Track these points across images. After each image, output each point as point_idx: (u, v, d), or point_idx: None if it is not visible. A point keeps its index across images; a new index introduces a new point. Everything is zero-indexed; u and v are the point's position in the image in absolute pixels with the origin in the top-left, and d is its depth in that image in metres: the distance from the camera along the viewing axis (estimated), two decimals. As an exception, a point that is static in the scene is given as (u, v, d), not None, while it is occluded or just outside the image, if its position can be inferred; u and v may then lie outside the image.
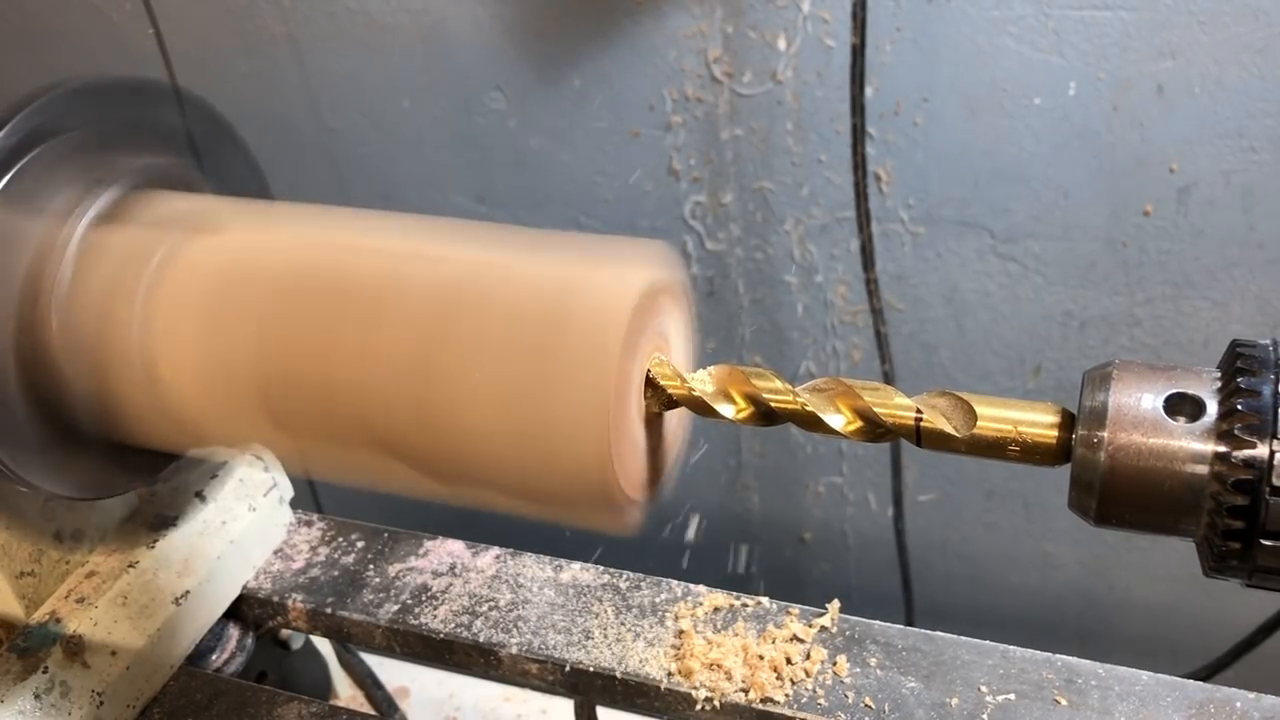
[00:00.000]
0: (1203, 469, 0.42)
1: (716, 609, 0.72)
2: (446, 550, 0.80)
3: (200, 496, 0.78)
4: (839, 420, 0.49)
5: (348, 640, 0.80)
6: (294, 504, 0.85)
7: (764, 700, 0.66)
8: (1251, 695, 0.64)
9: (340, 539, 0.83)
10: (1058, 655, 0.68)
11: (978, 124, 1.11)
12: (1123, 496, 0.44)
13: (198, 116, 0.67)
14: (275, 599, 0.78)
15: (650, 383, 0.51)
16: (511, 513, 0.52)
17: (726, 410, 0.51)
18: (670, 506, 1.53)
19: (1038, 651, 0.68)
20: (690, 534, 1.39)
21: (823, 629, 0.70)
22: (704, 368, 0.53)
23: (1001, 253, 1.19)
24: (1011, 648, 0.68)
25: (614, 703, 0.71)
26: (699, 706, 0.67)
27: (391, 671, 1.01)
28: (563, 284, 0.49)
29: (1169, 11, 1.00)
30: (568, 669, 0.70)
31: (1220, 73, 1.01)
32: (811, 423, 0.50)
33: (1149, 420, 0.43)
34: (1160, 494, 0.43)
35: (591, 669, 0.70)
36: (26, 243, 0.56)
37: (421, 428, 0.51)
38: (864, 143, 1.10)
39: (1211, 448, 0.42)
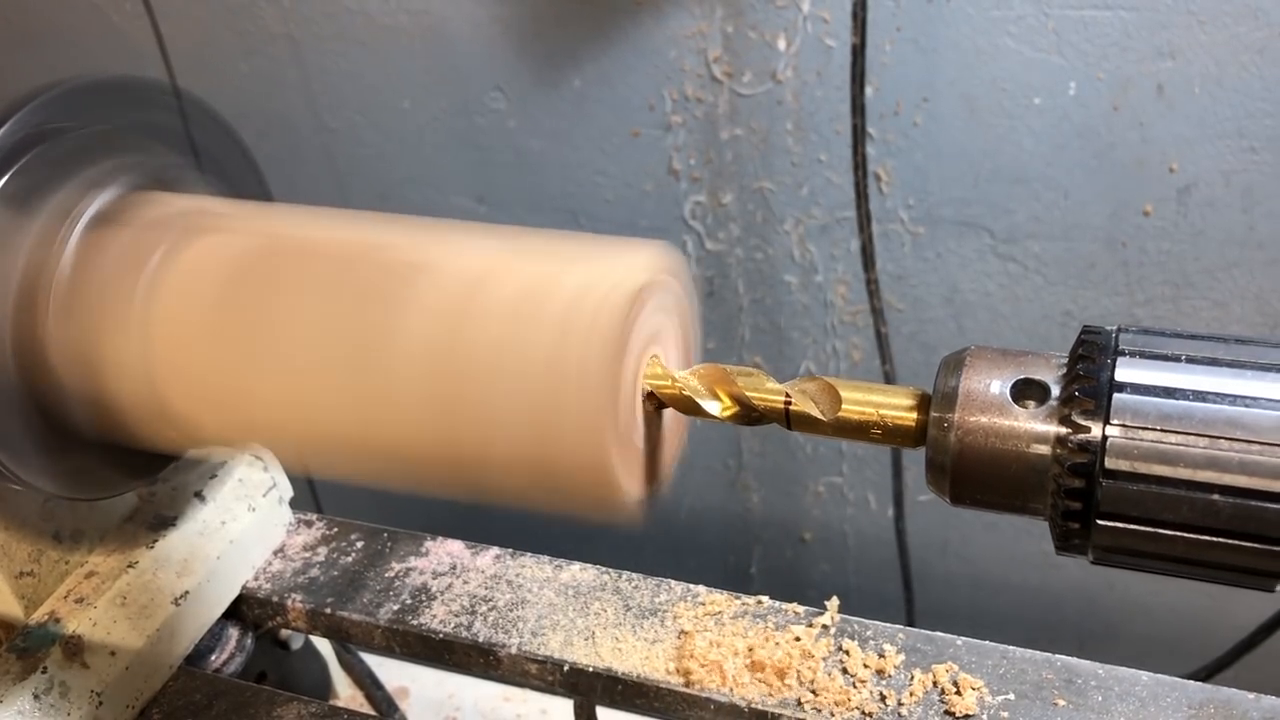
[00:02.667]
0: (1045, 451, 0.44)
1: (717, 609, 0.72)
2: (446, 550, 0.80)
3: (199, 496, 0.78)
4: (715, 406, 0.51)
5: (347, 640, 0.80)
6: (293, 504, 0.85)
7: (764, 701, 0.66)
8: (1251, 695, 0.64)
9: (340, 539, 0.83)
10: (1058, 655, 0.68)
11: (978, 124, 1.11)
12: (973, 477, 0.46)
13: (197, 116, 0.66)
14: (275, 599, 0.78)
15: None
16: (511, 504, 0.52)
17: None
18: (671, 506, 1.53)
19: (1038, 651, 0.68)
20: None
21: (823, 628, 0.70)
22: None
23: (1001, 253, 1.19)
24: (1011, 648, 0.68)
25: (614, 703, 0.71)
26: (699, 707, 0.67)
27: (391, 672, 1.01)
28: (564, 283, 0.49)
29: (1169, 11, 1.00)
30: (567, 669, 0.70)
31: (1220, 72, 1.01)
32: (690, 408, 0.52)
33: (996, 404, 0.45)
34: (1007, 475, 0.45)
35: (591, 669, 0.70)
36: (25, 243, 0.56)
37: (428, 426, 0.51)
38: (864, 143, 1.10)
39: (1053, 430, 0.44)
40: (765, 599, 0.73)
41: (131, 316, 0.56)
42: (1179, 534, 0.42)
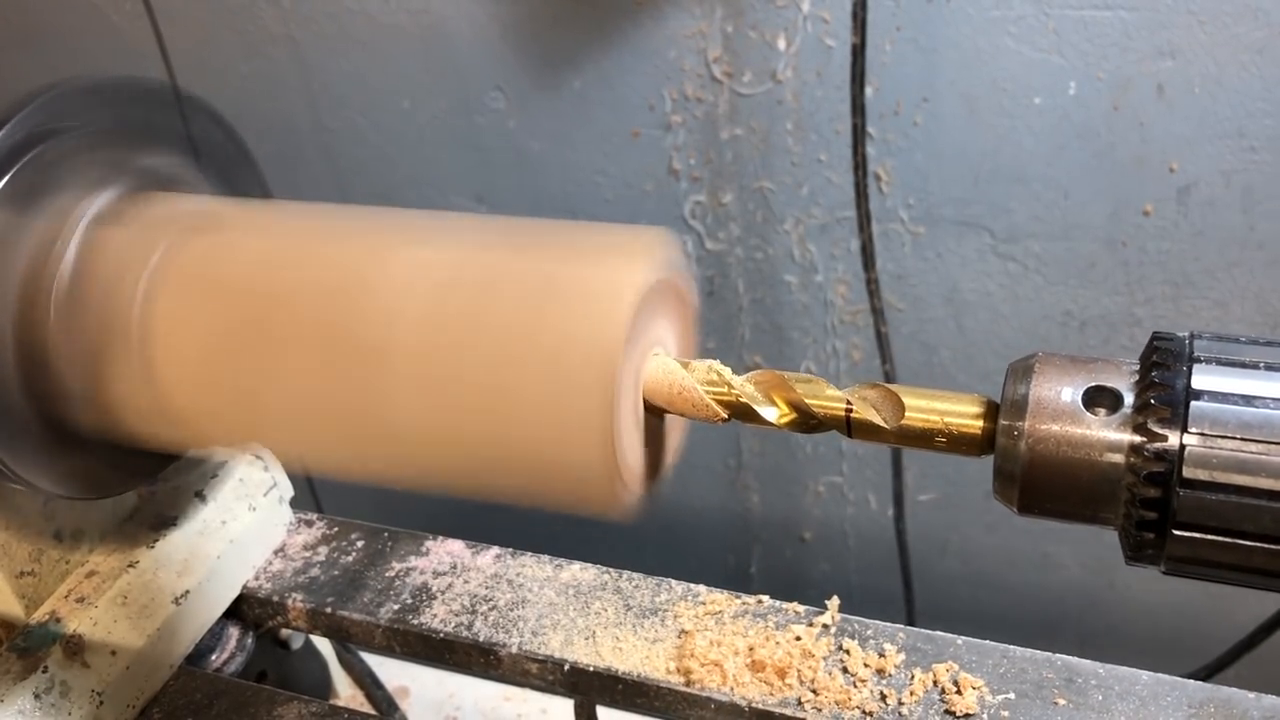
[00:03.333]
0: (1119, 460, 0.43)
1: (717, 609, 0.72)
2: (446, 550, 0.80)
3: (200, 496, 0.78)
4: (773, 413, 0.51)
5: (348, 640, 0.80)
6: (294, 504, 0.85)
7: (764, 700, 0.66)
8: (1252, 695, 0.64)
9: (340, 539, 0.83)
10: (1058, 655, 0.68)
11: (977, 124, 1.11)
12: (1043, 486, 0.45)
13: (197, 117, 0.66)
14: (275, 599, 0.78)
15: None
16: (511, 501, 0.52)
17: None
18: (671, 505, 1.53)
19: (1038, 651, 0.68)
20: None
21: (823, 628, 0.70)
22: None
23: (1001, 252, 1.19)
24: (1012, 647, 0.68)
25: (614, 703, 0.71)
26: (699, 706, 0.67)
27: (391, 671, 1.01)
28: (564, 278, 0.49)
29: (1169, 11, 1.00)
30: (568, 668, 0.70)
31: (1220, 72, 1.01)
32: (747, 415, 0.51)
33: (1068, 412, 0.44)
34: (1079, 484, 0.44)
35: (591, 669, 0.70)
36: (26, 242, 0.56)
37: (430, 424, 0.51)
38: (864, 142, 1.10)
39: (1127, 439, 0.43)
40: (765, 598, 0.73)
41: (132, 317, 0.56)
42: (1259, 544, 0.41)
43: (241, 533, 0.79)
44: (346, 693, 0.97)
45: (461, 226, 0.56)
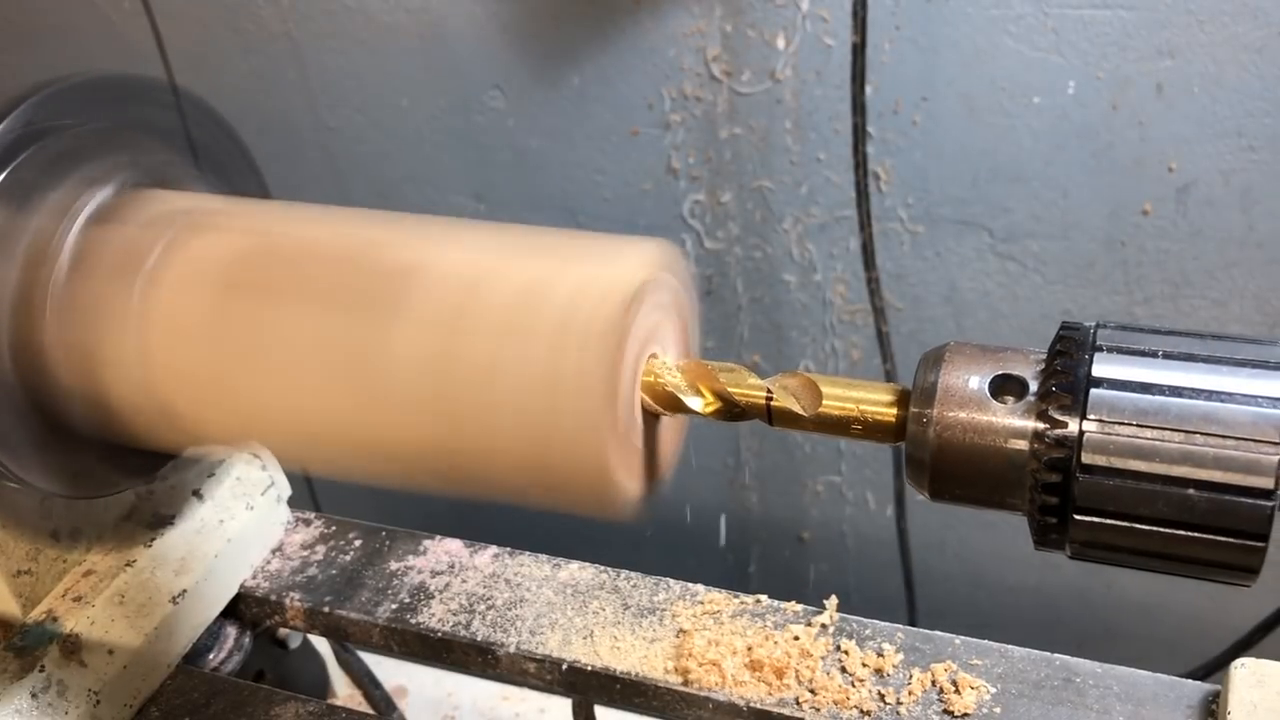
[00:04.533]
0: (1023, 446, 0.44)
1: (715, 608, 0.72)
2: (445, 549, 0.80)
3: (198, 495, 0.78)
4: (698, 402, 0.51)
5: (345, 639, 0.80)
6: (292, 503, 0.85)
7: (763, 700, 0.66)
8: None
9: (338, 538, 0.83)
10: (1056, 655, 0.68)
11: (977, 123, 1.11)
12: (951, 473, 0.46)
13: (195, 114, 0.66)
14: (273, 598, 0.78)
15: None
16: (510, 501, 0.52)
17: None
18: (670, 505, 1.53)
19: (1037, 651, 0.68)
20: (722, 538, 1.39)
21: (822, 628, 0.70)
22: None
23: (1000, 252, 1.19)
24: (1011, 647, 0.68)
25: (612, 702, 0.71)
26: (697, 706, 0.67)
27: (389, 671, 1.00)
28: (562, 281, 0.49)
29: (1168, 11, 1.00)
30: (566, 668, 0.70)
31: (1219, 72, 1.01)
32: (675, 405, 0.52)
33: (975, 399, 0.45)
34: (986, 470, 0.45)
35: (590, 668, 0.70)
36: (22, 240, 0.56)
37: (426, 424, 0.51)
38: (864, 142, 1.10)
39: (1030, 426, 0.44)
40: (764, 598, 0.73)
41: (129, 314, 0.56)
42: (1155, 529, 0.42)
43: (239, 532, 0.79)
44: (344, 692, 0.96)
45: (458, 229, 0.56)
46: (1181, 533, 0.42)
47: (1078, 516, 0.43)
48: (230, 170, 0.68)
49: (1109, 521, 0.43)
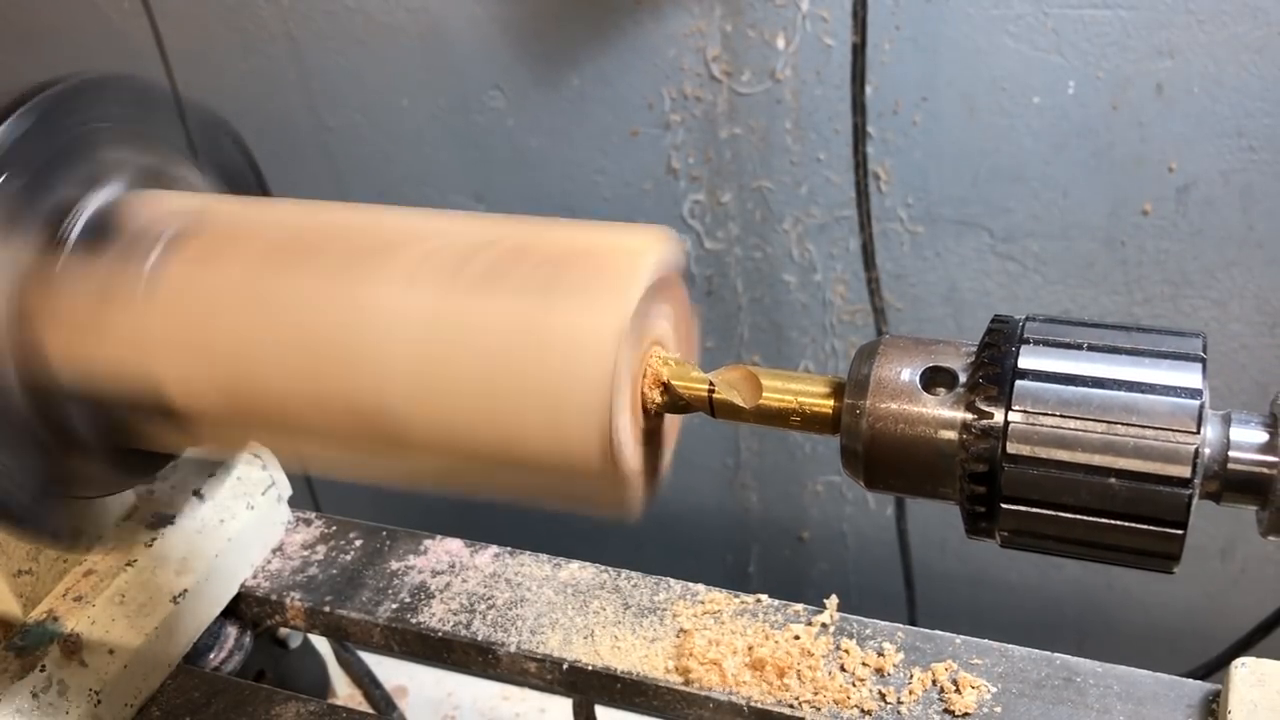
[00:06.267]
0: (952, 436, 0.45)
1: (716, 608, 0.72)
2: (445, 549, 0.80)
3: (198, 495, 0.78)
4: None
5: (346, 639, 0.80)
6: (292, 502, 0.85)
7: (763, 699, 0.66)
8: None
9: (339, 537, 0.83)
10: (1057, 654, 0.68)
11: (977, 123, 1.11)
12: (885, 463, 0.47)
13: (196, 115, 0.66)
14: (273, 597, 0.78)
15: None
16: (510, 498, 0.52)
17: None
18: (669, 505, 1.53)
19: (1037, 650, 0.68)
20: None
21: (822, 627, 0.70)
22: None
23: (1000, 252, 1.19)
24: (1011, 646, 0.68)
25: (613, 702, 0.71)
26: (698, 705, 0.67)
27: (390, 670, 1.00)
28: (566, 275, 0.49)
29: (1168, 10, 1.00)
30: (566, 668, 0.70)
31: (1219, 72, 1.01)
32: None
33: (906, 391, 0.46)
34: (918, 460, 0.46)
35: (590, 668, 0.70)
36: (23, 239, 0.56)
37: (428, 417, 0.51)
38: (864, 142, 1.10)
39: (959, 416, 0.45)
40: (764, 598, 0.73)
41: (129, 313, 0.56)
42: (1078, 517, 0.43)
43: (240, 531, 0.79)
44: (345, 692, 0.97)
45: (462, 222, 0.56)
46: (1104, 520, 0.43)
47: (1005, 505, 0.44)
48: (230, 170, 0.68)
49: (1035, 510, 0.44)
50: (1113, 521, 0.43)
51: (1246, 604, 1.12)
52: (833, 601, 0.71)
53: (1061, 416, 0.43)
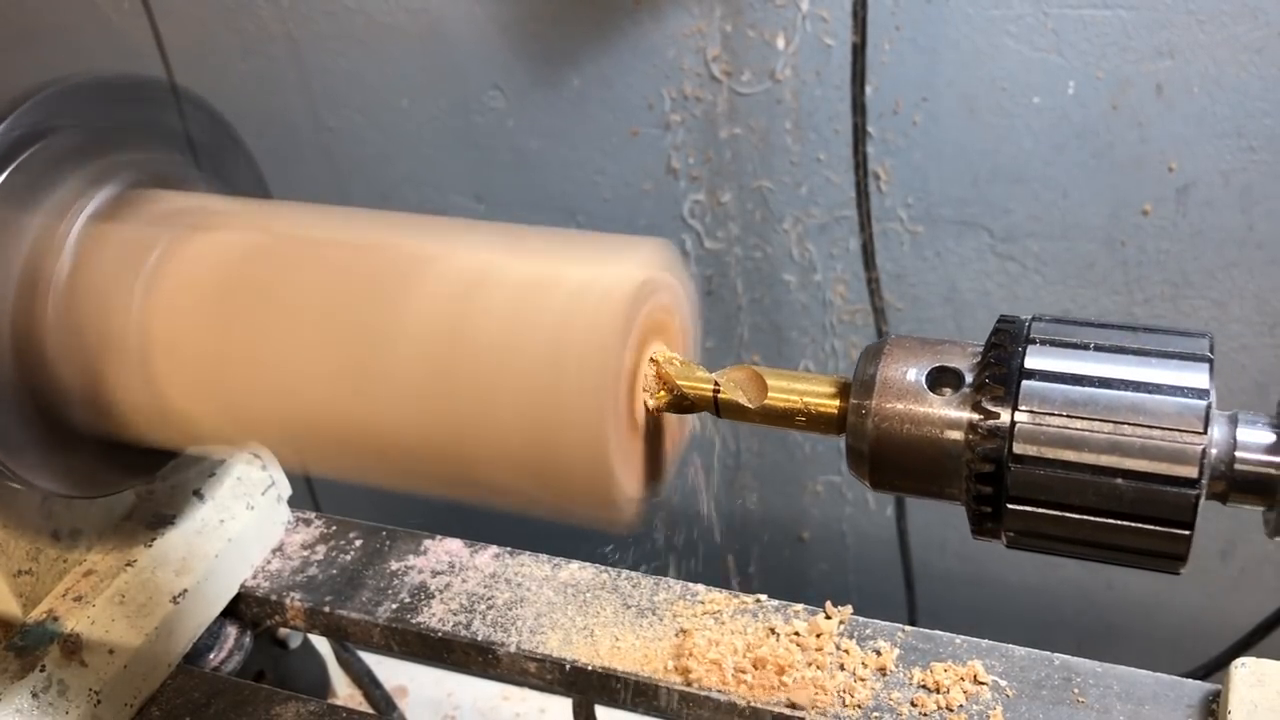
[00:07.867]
0: (958, 437, 0.45)
1: (716, 608, 0.72)
2: (445, 549, 0.80)
3: (198, 495, 0.78)
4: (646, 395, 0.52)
5: (346, 639, 0.80)
6: (292, 502, 0.85)
7: (763, 700, 0.66)
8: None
9: (339, 538, 0.83)
10: (1057, 654, 0.68)
11: (977, 123, 1.11)
12: (890, 463, 0.47)
13: (196, 115, 0.66)
14: (273, 597, 0.78)
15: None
16: (509, 503, 0.52)
17: None
18: (670, 505, 1.53)
19: (1037, 650, 0.68)
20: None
21: (823, 625, 0.70)
22: None
23: (1000, 252, 1.19)
24: (1011, 646, 0.68)
25: (612, 702, 0.71)
26: (698, 705, 0.67)
27: (390, 670, 1.00)
28: (564, 281, 0.49)
29: (1168, 11, 1.00)
30: (566, 668, 0.70)
31: (1219, 72, 1.01)
32: None
33: (912, 391, 0.46)
34: (923, 460, 0.46)
35: (590, 668, 0.70)
36: (24, 239, 0.56)
37: (429, 423, 0.51)
38: (864, 142, 1.10)
39: (966, 417, 0.45)
40: (764, 598, 0.73)
41: (130, 314, 0.56)
42: (1085, 518, 0.43)
43: (239, 531, 0.79)
44: (345, 692, 0.96)
45: (458, 230, 0.56)
46: (1111, 521, 0.43)
47: (1011, 506, 0.44)
48: (230, 170, 0.68)
49: (1041, 511, 0.44)
50: (1119, 522, 0.43)
51: (1246, 604, 1.12)
52: (845, 611, 0.71)
53: (1068, 417, 0.43)
